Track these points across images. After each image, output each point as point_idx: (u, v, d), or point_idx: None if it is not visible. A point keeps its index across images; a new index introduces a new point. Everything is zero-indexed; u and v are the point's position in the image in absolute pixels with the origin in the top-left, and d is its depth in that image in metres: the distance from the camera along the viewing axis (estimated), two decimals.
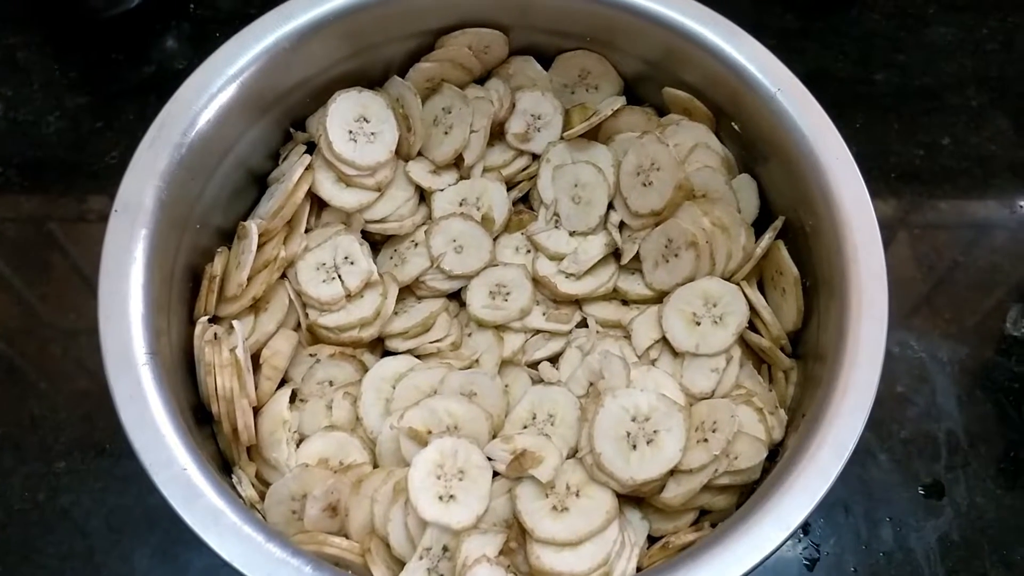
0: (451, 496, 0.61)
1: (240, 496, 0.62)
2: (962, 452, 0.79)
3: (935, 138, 0.94)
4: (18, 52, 0.96)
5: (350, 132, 0.72)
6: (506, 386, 0.69)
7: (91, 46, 0.96)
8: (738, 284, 0.69)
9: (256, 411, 0.66)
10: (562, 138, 0.76)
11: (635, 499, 0.64)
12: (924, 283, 0.87)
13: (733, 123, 0.72)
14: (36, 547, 0.74)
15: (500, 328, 0.73)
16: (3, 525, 0.75)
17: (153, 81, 0.94)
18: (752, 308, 0.68)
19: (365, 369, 0.70)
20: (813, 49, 0.98)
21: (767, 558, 0.53)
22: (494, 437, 0.66)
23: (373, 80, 0.76)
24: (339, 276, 0.71)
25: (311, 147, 0.74)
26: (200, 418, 0.65)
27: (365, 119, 0.73)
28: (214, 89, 0.66)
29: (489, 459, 0.63)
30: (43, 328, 0.84)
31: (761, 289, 0.71)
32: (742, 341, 0.69)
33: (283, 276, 0.71)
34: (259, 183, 0.75)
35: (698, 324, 0.68)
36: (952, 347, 0.83)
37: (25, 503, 0.76)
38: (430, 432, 0.65)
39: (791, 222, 0.69)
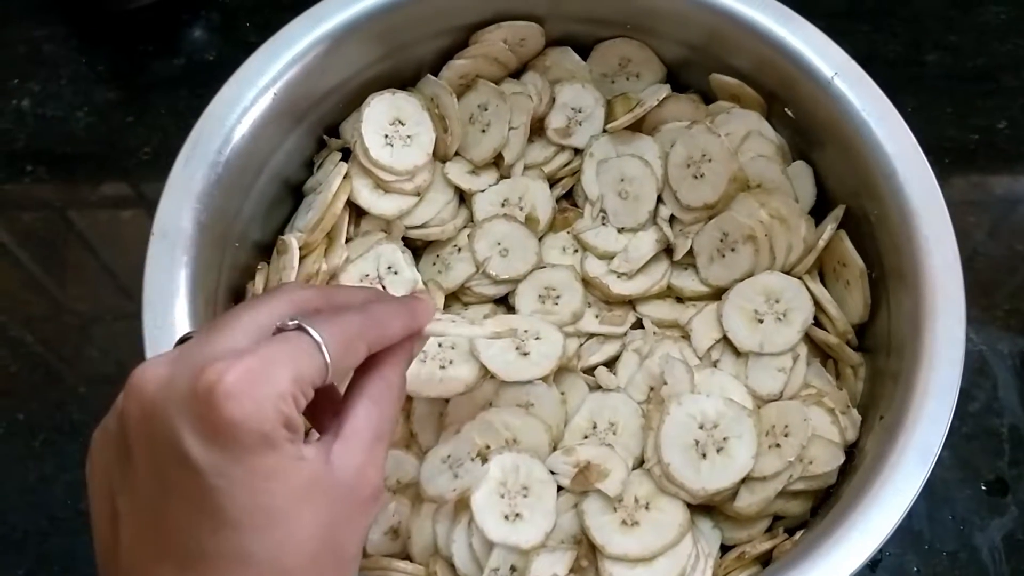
0: (517, 515, 0.59)
1: None
2: None
3: (991, 121, 0.89)
4: (44, 45, 0.93)
5: (386, 136, 0.69)
6: (562, 394, 0.67)
7: (118, 38, 0.93)
8: (800, 278, 0.66)
9: None
10: (605, 131, 0.73)
11: (705, 506, 0.62)
12: (981, 273, 0.83)
13: (786, 108, 0.69)
14: (80, 557, 0.72)
15: None
16: (45, 535, 0.73)
17: (183, 73, 0.91)
18: (816, 302, 0.65)
19: None
20: (861, 31, 0.93)
21: (858, 570, 0.51)
22: (554, 449, 0.64)
23: (405, 81, 0.73)
24: (383, 287, 0.68)
25: (345, 153, 0.71)
26: None
27: (400, 121, 0.70)
28: (247, 102, 0.63)
29: (552, 472, 0.61)
30: (78, 330, 0.81)
31: (821, 281, 0.68)
32: (806, 337, 0.66)
33: None
34: (294, 193, 0.72)
35: (760, 322, 0.66)
36: (1012, 339, 0.80)
37: (67, 511, 0.74)
38: (488, 447, 0.63)
39: (851, 211, 0.66)
